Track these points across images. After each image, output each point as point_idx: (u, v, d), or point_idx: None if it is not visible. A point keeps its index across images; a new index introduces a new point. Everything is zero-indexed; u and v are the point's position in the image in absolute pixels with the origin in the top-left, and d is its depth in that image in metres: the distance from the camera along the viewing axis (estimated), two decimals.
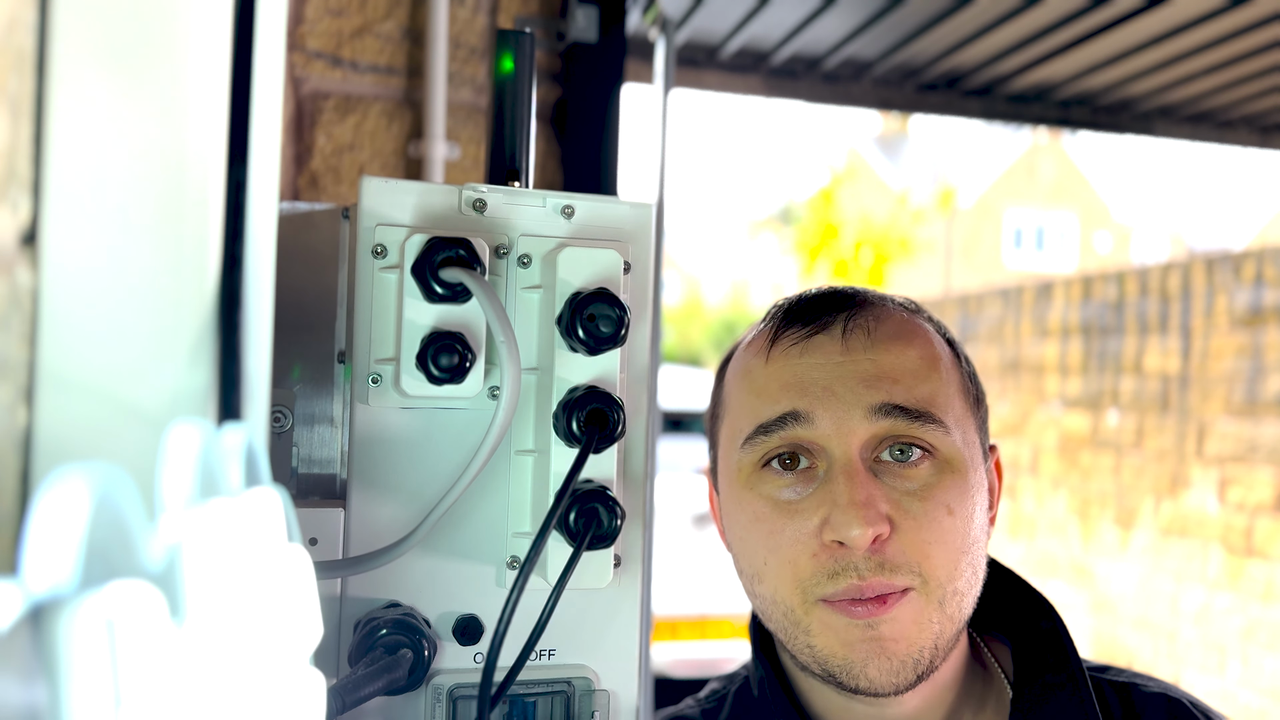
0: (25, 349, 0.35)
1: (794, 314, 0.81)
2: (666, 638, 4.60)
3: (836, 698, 0.81)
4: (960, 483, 0.76)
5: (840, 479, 0.74)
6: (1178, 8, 2.58)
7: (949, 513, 0.75)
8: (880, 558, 0.73)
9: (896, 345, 0.78)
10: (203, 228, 0.38)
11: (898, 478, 0.75)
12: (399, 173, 1.61)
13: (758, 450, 0.78)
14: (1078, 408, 6.01)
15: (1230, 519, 4.87)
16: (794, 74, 3.05)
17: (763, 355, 0.81)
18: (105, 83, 0.36)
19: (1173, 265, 5.43)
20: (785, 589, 0.76)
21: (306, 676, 0.33)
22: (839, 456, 0.75)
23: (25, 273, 0.35)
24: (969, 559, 0.76)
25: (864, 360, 0.77)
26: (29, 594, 0.23)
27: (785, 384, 0.78)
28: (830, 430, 0.75)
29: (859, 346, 0.78)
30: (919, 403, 0.76)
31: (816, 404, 0.76)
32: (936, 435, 0.76)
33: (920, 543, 0.74)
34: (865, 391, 0.76)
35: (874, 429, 0.75)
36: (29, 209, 0.35)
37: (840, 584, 0.73)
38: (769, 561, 0.77)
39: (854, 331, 0.79)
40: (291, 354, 0.69)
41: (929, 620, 0.74)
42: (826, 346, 0.78)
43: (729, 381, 0.85)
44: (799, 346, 0.79)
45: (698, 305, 28.67)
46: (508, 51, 0.69)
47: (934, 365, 0.79)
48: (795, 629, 0.77)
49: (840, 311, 0.80)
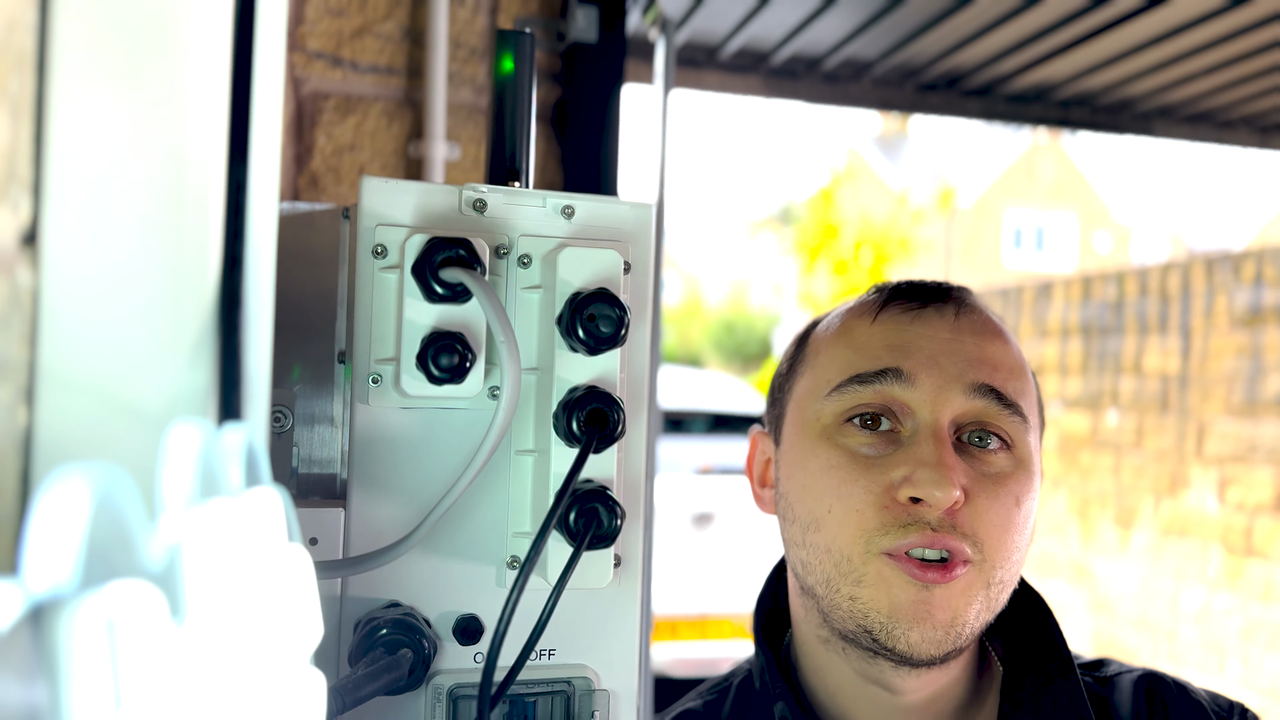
0: (25, 349, 0.35)
1: (905, 290, 0.84)
2: (666, 638, 4.60)
3: (852, 676, 0.81)
4: (1029, 481, 0.79)
5: (929, 442, 0.75)
6: (1178, 8, 2.58)
7: (1016, 504, 0.77)
8: (952, 521, 0.74)
9: (999, 341, 0.81)
10: (203, 228, 0.38)
11: (976, 460, 0.77)
12: (399, 173, 1.61)
13: (847, 400, 0.78)
14: (1077, 408, 6.01)
15: (1230, 519, 4.87)
16: (794, 74, 3.05)
17: (868, 317, 0.82)
18: (105, 83, 0.36)
19: (1173, 265, 5.43)
20: (846, 537, 0.76)
21: (306, 676, 0.33)
22: (929, 421, 0.76)
23: (25, 273, 0.35)
24: (1018, 556, 0.78)
25: (970, 343, 0.79)
26: (29, 594, 0.23)
27: (891, 344, 0.79)
28: (928, 396, 0.77)
29: (967, 329, 0.80)
30: (1012, 394, 0.79)
31: (920, 368, 0.77)
32: (1020, 429, 0.78)
33: (989, 522, 0.75)
34: (968, 369, 0.78)
35: (968, 405, 0.77)
36: (29, 209, 0.35)
37: (910, 535, 0.74)
38: (834, 509, 0.77)
39: (964, 316, 0.81)
40: (291, 354, 0.69)
41: (976, 597, 0.75)
42: (936, 321, 0.80)
43: (816, 341, 0.85)
44: (910, 315, 0.81)
45: (698, 305, 28.67)
46: (508, 51, 0.69)
47: (1025, 371, 0.82)
48: (843, 580, 0.76)
49: (953, 296, 0.83)
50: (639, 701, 0.70)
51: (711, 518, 4.89)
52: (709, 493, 4.90)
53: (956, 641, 0.75)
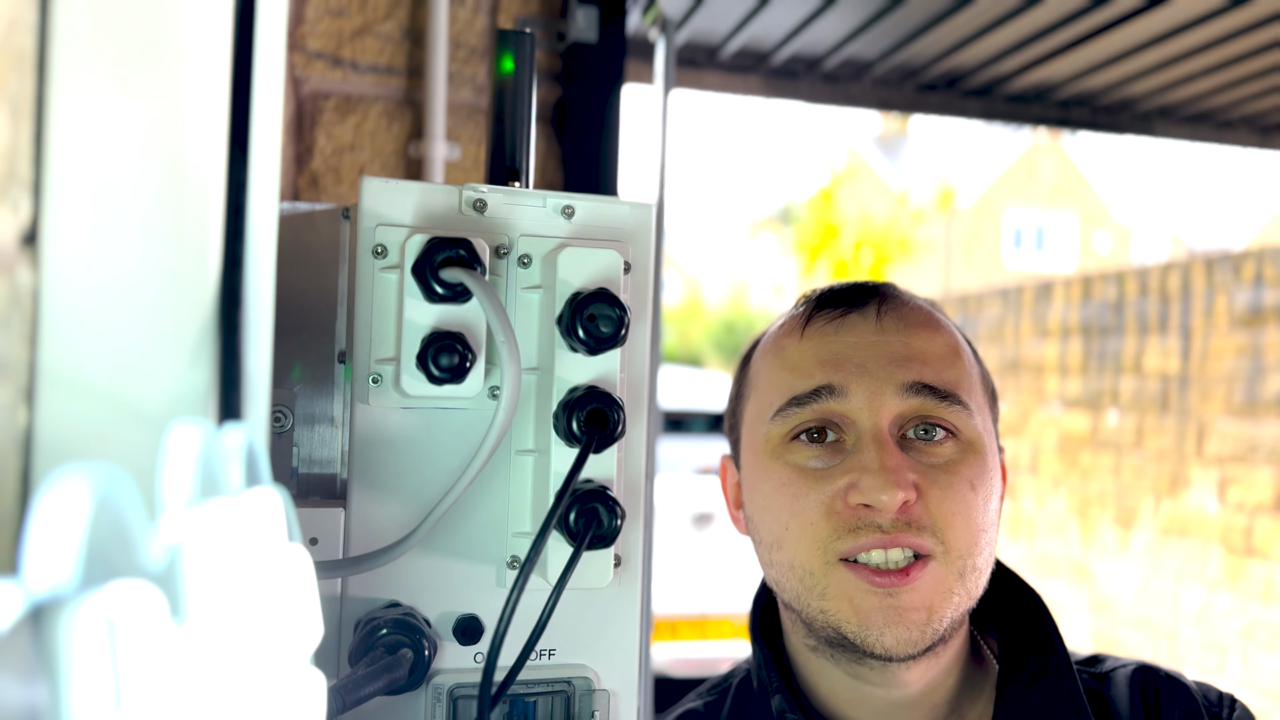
0: (25, 349, 0.35)
1: (827, 298, 0.85)
2: (666, 638, 4.60)
3: (844, 678, 0.82)
4: (981, 463, 0.79)
5: (870, 447, 0.76)
6: (1178, 8, 2.58)
7: (971, 488, 0.77)
8: (906, 518, 0.75)
9: (925, 331, 0.82)
10: (203, 228, 0.38)
11: (923, 453, 0.78)
12: (399, 173, 1.61)
13: (789, 422, 0.80)
14: (1078, 408, 6.01)
15: (1230, 519, 4.87)
16: (794, 74, 3.05)
17: (796, 334, 0.83)
18: (105, 83, 0.36)
19: (1173, 265, 5.43)
20: (805, 551, 0.77)
21: (306, 676, 0.33)
22: (869, 428, 0.77)
23: (25, 273, 0.35)
24: (987, 538, 0.78)
25: (896, 341, 0.80)
26: (29, 594, 0.23)
27: (820, 359, 0.80)
28: (862, 404, 0.78)
29: (892, 328, 0.81)
30: (946, 384, 0.79)
31: (850, 379, 0.78)
32: (961, 417, 0.79)
33: (945, 512, 0.76)
34: (897, 370, 0.78)
35: (904, 405, 0.78)
36: (29, 209, 0.35)
37: (861, 538, 0.75)
38: (790, 526, 0.78)
39: (887, 314, 0.82)
40: (291, 354, 0.69)
41: (949, 590, 0.76)
42: (860, 326, 0.81)
43: (756, 364, 0.87)
44: (834, 324, 0.82)
45: (698, 305, 28.66)
46: (508, 51, 0.69)
47: (958, 353, 0.82)
48: (810, 594, 0.78)
49: (873, 296, 0.84)
50: (639, 701, 0.70)
51: (711, 518, 4.89)
52: (709, 493, 4.90)
53: (936, 634, 0.76)
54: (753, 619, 0.90)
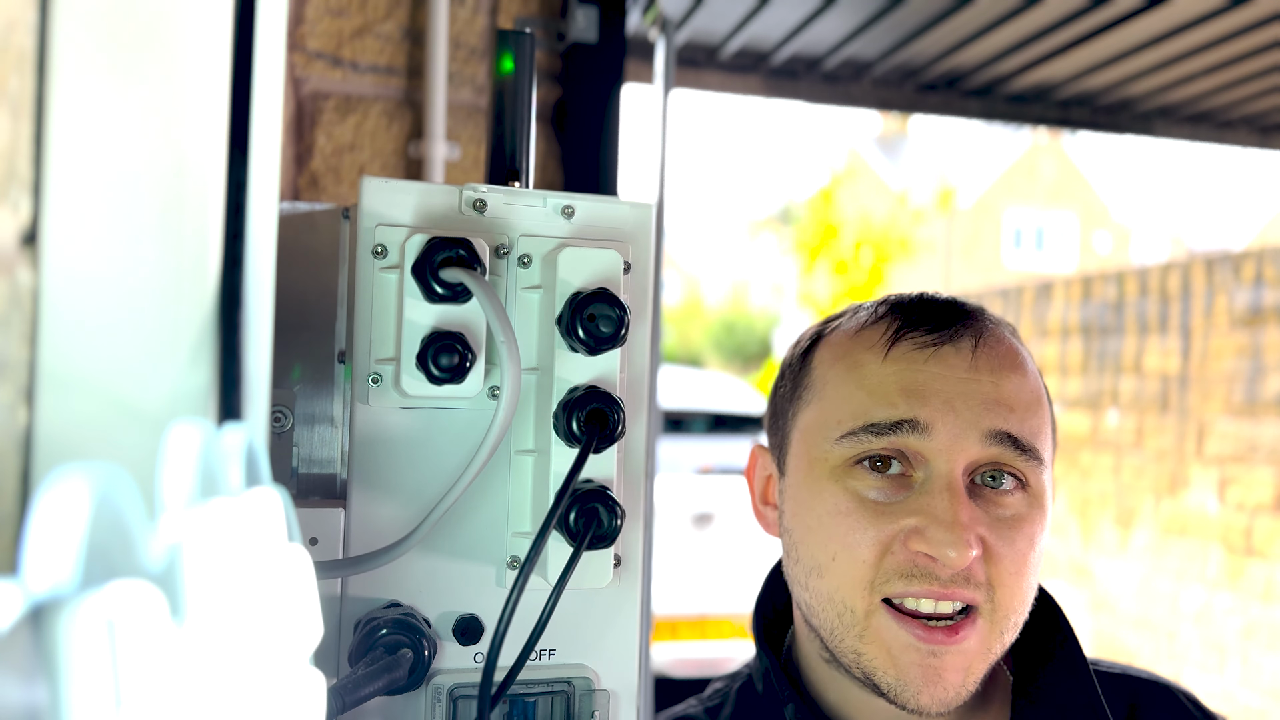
0: (25, 349, 0.35)
1: (918, 317, 0.79)
2: (666, 638, 4.60)
3: (859, 691, 0.80)
4: (1044, 518, 0.77)
5: (944, 494, 0.72)
6: (1178, 8, 2.58)
7: (1031, 545, 0.75)
8: (966, 573, 0.72)
9: (1016, 375, 0.77)
10: (203, 228, 0.38)
11: (990, 504, 0.74)
12: (399, 173, 1.61)
13: (859, 447, 0.75)
14: (1078, 408, 6.01)
15: (1230, 519, 4.87)
16: (794, 74, 3.05)
17: (880, 351, 0.77)
18: (105, 83, 0.36)
19: (1173, 265, 5.43)
20: (849, 586, 0.74)
21: (306, 676, 0.33)
22: (943, 472, 0.73)
23: (25, 273, 0.35)
24: (1032, 592, 0.77)
25: (988, 383, 0.75)
26: (29, 594, 0.23)
27: (906, 389, 0.75)
28: (944, 445, 0.73)
29: (985, 368, 0.76)
30: (1029, 435, 0.75)
31: (936, 416, 0.73)
32: (1035, 470, 0.76)
33: (1004, 570, 0.73)
34: (985, 414, 0.74)
35: (985, 453, 0.74)
36: (29, 209, 0.35)
37: (914, 585, 0.72)
38: (838, 556, 0.75)
39: (983, 350, 0.77)
40: (291, 354, 0.69)
41: (990, 649, 0.74)
42: (953, 360, 0.76)
43: (823, 368, 0.81)
44: (924, 353, 0.76)
45: (698, 305, 28.67)
46: (508, 51, 0.69)
47: (1042, 403, 0.79)
48: (846, 632, 0.75)
49: (969, 326, 0.78)
50: (639, 701, 0.69)
51: (711, 518, 4.89)
52: (709, 493, 4.90)
53: (969, 692, 0.74)
54: (756, 624, 0.88)
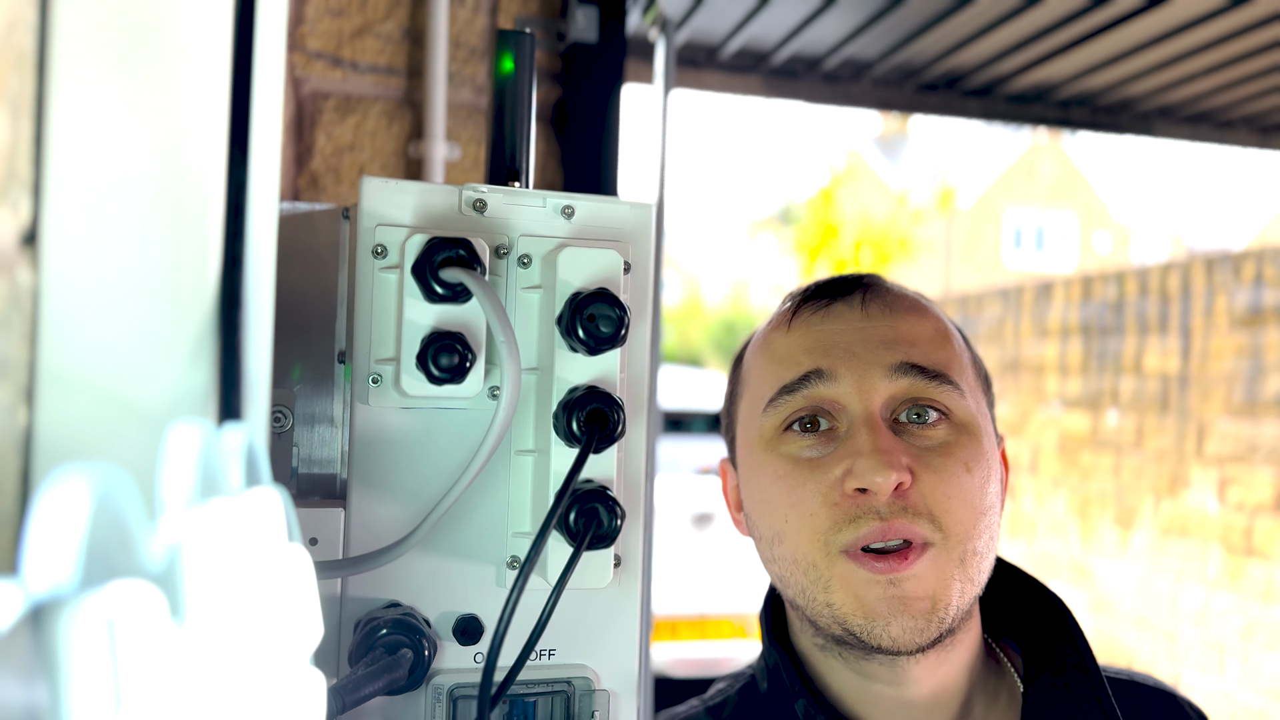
0: (25, 349, 0.35)
1: (812, 292, 0.85)
2: (666, 638, 4.60)
3: (853, 677, 0.81)
4: (976, 444, 0.78)
5: (862, 431, 0.76)
6: (1178, 8, 2.58)
7: (966, 470, 0.77)
8: (903, 502, 0.74)
9: (912, 315, 0.82)
10: (203, 228, 0.38)
11: (916, 437, 0.77)
12: (399, 173, 1.61)
13: (781, 412, 0.80)
14: (1077, 408, 6.01)
15: (1230, 519, 4.87)
16: (794, 74, 3.05)
17: (783, 328, 0.84)
18: (105, 83, 0.36)
19: (1173, 265, 5.43)
20: (806, 543, 0.77)
21: (306, 676, 0.33)
22: (860, 413, 0.77)
23: (25, 273, 0.35)
24: (986, 521, 0.77)
25: (883, 325, 0.80)
26: (29, 594, 0.23)
27: (808, 347, 0.81)
28: (852, 388, 0.78)
29: (878, 313, 0.81)
30: (936, 365, 0.79)
31: (839, 363, 0.79)
32: (952, 398, 0.79)
33: (941, 495, 0.75)
34: (885, 352, 0.79)
35: (894, 388, 0.78)
36: (29, 209, 0.35)
37: (861, 528, 0.74)
38: (790, 518, 0.78)
39: (872, 300, 0.82)
40: (291, 354, 0.69)
41: (951, 576, 0.75)
42: (846, 313, 0.82)
43: (747, 361, 0.87)
44: (820, 313, 0.82)
45: (698, 305, 28.66)
46: (508, 51, 0.69)
47: (947, 336, 0.83)
48: (814, 587, 0.77)
49: (858, 285, 0.84)
50: (639, 701, 0.70)
51: (711, 518, 4.89)
52: (709, 493, 4.90)
53: (943, 624, 0.75)
54: (765, 621, 0.89)
